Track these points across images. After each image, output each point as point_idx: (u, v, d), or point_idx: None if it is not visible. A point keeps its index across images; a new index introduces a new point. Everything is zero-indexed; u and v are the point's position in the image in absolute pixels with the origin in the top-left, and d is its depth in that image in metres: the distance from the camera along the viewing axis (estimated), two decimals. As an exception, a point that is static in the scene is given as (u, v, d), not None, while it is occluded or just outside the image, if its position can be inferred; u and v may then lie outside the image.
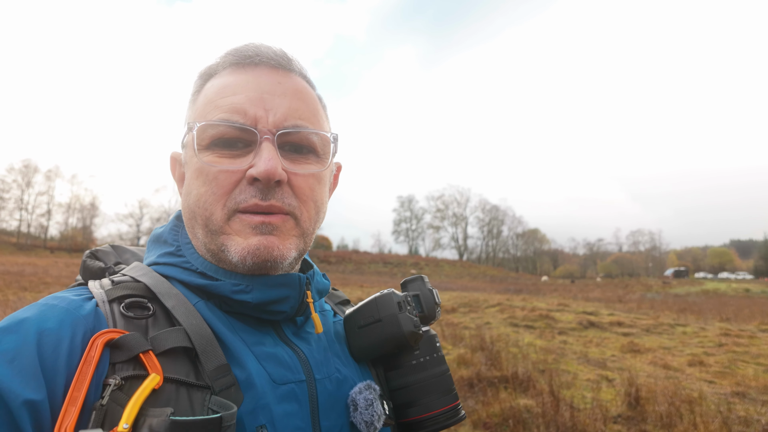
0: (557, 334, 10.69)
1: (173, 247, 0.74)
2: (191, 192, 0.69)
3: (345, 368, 0.75)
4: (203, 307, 0.67)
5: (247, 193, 0.66)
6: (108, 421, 0.50)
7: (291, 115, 0.69)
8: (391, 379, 0.78)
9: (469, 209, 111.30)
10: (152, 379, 0.53)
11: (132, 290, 0.65)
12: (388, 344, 0.76)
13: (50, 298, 0.60)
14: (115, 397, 0.51)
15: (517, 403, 5.14)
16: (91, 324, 0.57)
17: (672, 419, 4.81)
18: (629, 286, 43.56)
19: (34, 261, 38.89)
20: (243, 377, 0.61)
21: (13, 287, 16.09)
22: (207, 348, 0.60)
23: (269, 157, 0.65)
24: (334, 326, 0.82)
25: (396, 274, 60.13)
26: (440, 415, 0.75)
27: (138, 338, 0.57)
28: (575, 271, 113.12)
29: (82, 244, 72.85)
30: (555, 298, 20.46)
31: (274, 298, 0.68)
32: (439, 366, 0.79)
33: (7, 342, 0.52)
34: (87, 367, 0.52)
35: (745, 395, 6.06)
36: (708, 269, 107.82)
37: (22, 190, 75.18)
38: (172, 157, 0.80)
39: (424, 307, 0.85)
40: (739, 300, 25.71)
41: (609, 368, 7.51)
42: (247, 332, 0.68)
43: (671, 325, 11.94)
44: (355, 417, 0.69)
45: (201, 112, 0.70)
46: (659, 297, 27.91)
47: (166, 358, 0.58)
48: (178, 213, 0.80)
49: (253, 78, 0.70)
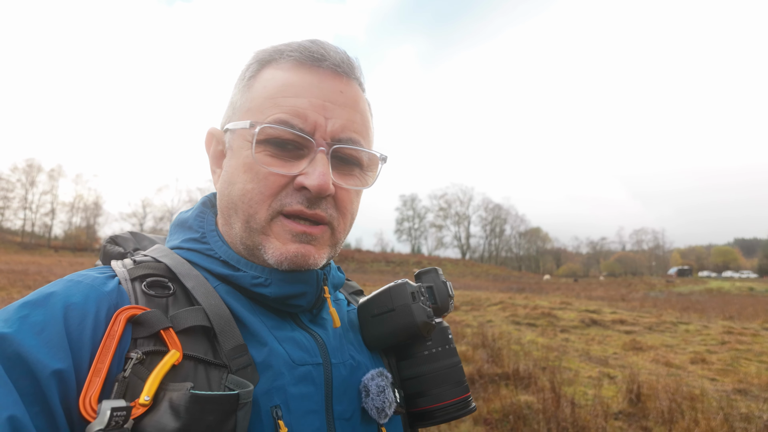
0: (559, 332, 10.69)
1: (198, 233, 0.75)
2: (236, 183, 0.70)
3: (359, 355, 0.76)
4: (223, 290, 0.69)
5: (293, 198, 0.67)
6: (129, 393, 0.52)
7: (348, 127, 0.70)
8: (403, 369, 0.79)
9: (471, 208, 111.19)
10: (172, 355, 0.56)
11: (153, 269, 0.67)
12: (401, 334, 0.76)
13: (75, 275, 0.62)
14: (136, 371, 0.54)
15: (518, 400, 5.16)
16: (114, 300, 0.60)
17: (673, 416, 4.82)
18: (632, 284, 43.42)
19: (38, 260, 39.07)
20: (261, 357, 0.63)
21: (17, 286, 16.17)
22: (225, 328, 0.62)
23: (323, 171, 0.66)
24: (348, 315, 0.83)
25: (398, 273, 60.09)
26: (451, 405, 0.75)
27: (159, 315, 0.59)
28: (578, 269, 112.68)
29: (85, 243, 73.11)
30: (557, 297, 20.43)
31: (292, 293, 0.70)
32: (451, 357, 0.79)
33: (36, 315, 0.54)
34: (110, 340, 0.55)
35: (747, 392, 6.06)
36: (712, 268, 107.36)
37: (26, 190, 75.59)
38: (210, 133, 0.79)
39: (438, 298, 0.85)
40: (742, 298, 25.60)
41: (611, 366, 7.52)
42: (267, 316, 0.70)
43: (674, 323, 11.92)
44: (367, 403, 0.70)
45: (259, 106, 0.70)
46: (662, 296, 27.83)
47: (186, 336, 0.60)
48: (204, 199, 0.81)
49: (317, 82, 0.70)
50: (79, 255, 58.11)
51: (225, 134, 0.75)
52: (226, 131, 0.75)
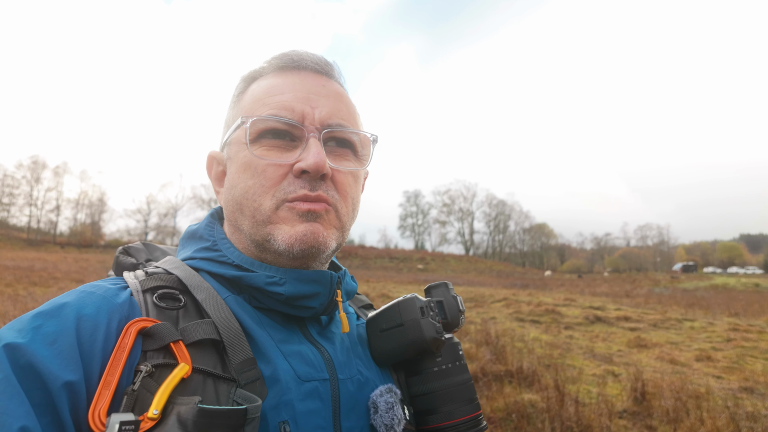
0: (563, 329, 10.68)
1: (209, 242, 0.76)
2: (237, 185, 0.72)
3: (367, 371, 0.75)
4: (233, 302, 0.69)
5: (295, 185, 0.69)
6: (138, 407, 0.52)
7: (335, 114, 0.73)
8: (413, 385, 0.78)
9: (475, 204, 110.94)
10: (181, 368, 0.56)
11: (165, 281, 0.68)
12: (410, 349, 0.75)
13: (88, 286, 0.63)
14: (145, 384, 0.54)
15: (522, 398, 5.16)
16: (125, 312, 0.60)
17: (678, 414, 4.80)
18: (637, 280, 43.27)
19: (44, 256, 39.35)
20: (268, 372, 0.63)
21: (23, 282, 16.30)
22: (234, 341, 0.62)
23: (317, 151, 0.68)
24: (357, 329, 0.83)
25: (402, 269, 60.16)
26: (461, 423, 0.73)
27: (169, 328, 0.59)
28: (582, 265, 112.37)
29: (90, 239, 73.62)
30: (561, 293, 20.40)
31: (305, 293, 0.70)
32: (462, 374, 0.77)
33: (48, 325, 0.54)
34: (121, 353, 0.55)
35: (753, 390, 6.04)
36: (717, 264, 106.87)
37: (31, 186, 76.12)
38: (210, 156, 0.82)
39: (448, 314, 0.83)
40: (748, 295, 25.46)
41: (615, 363, 7.50)
42: (275, 328, 0.70)
43: (679, 320, 11.88)
44: (376, 420, 0.69)
45: (249, 109, 0.74)
46: (667, 292, 27.71)
47: (195, 349, 0.60)
48: (212, 211, 0.83)
49: (299, 80, 0.75)
50: (85, 251, 58.48)
51: (223, 151, 0.79)
52: (223, 148, 0.78)
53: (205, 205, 79.39)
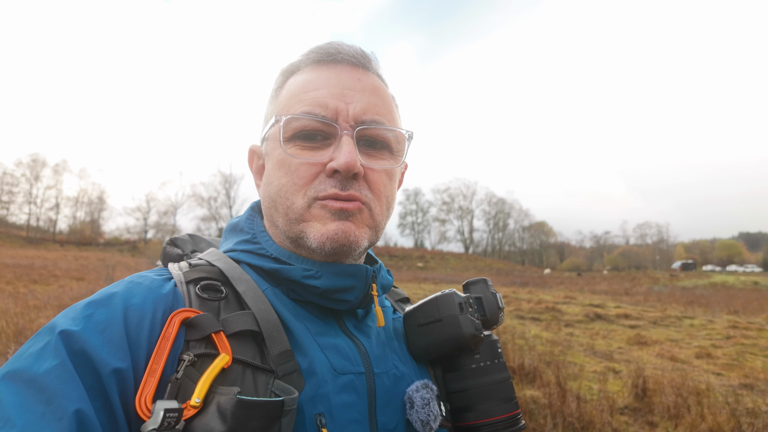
0: (563, 327, 10.71)
1: (249, 234, 0.78)
2: (272, 182, 0.73)
3: (403, 365, 0.75)
4: (271, 294, 0.71)
5: (327, 184, 0.69)
6: (181, 395, 0.55)
7: (369, 110, 0.72)
8: (450, 382, 0.77)
9: (475, 202, 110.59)
10: (222, 359, 0.58)
11: (207, 273, 0.70)
12: (448, 345, 0.75)
13: (135, 277, 0.65)
14: (188, 373, 0.56)
15: (524, 394, 5.19)
16: (170, 302, 0.62)
17: (679, 410, 4.84)
18: (636, 278, 43.32)
19: (44, 254, 39.34)
20: (305, 364, 0.64)
21: (23, 280, 16.32)
22: (273, 333, 0.63)
23: (349, 150, 0.68)
24: (393, 323, 0.83)
25: (401, 267, 60.13)
26: (499, 422, 0.72)
27: (211, 319, 0.61)
28: (582, 263, 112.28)
29: (90, 237, 73.54)
30: (561, 291, 20.45)
31: (341, 287, 0.71)
32: (501, 372, 0.76)
33: (99, 314, 0.57)
34: (165, 342, 0.57)
35: (753, 387, 6.07)
36: (716, 262, 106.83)
37: (30, 184, 75.94)
38: (251, 150, 0.83)
39: (487, 310, 0.81)
40: (747, 293, 25.52)
41: (616, 360, 7.54)
42: (312, 321, 0.71)
43: (678, 317, 11.92)
44: (411, 415, 0.69)
45: (284, 106, 0.74)
46: (666, 290, 27.77)
47: (235, 339, 0.61)
48: (253, 204, 0.85)
49: (335, 74, 0.74)
50: (84, 249, 58.46)
51: (262, 146, 0.80)
52: (262, 143, 0.80)
53: (204, 204, 79.11)
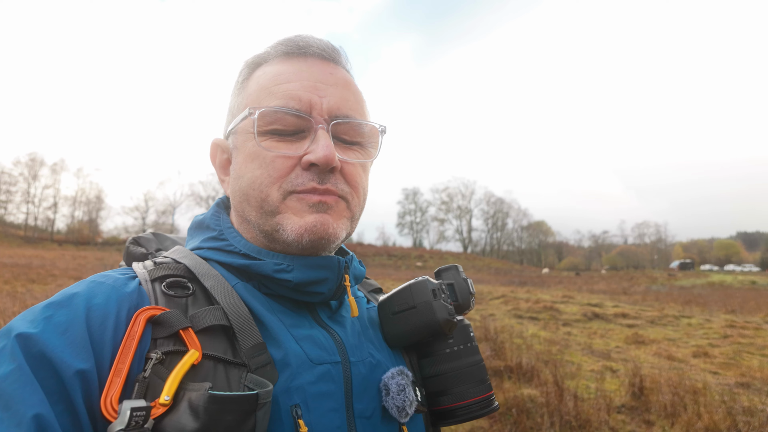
0: (561, 326, 10.72)
1: (216, 231, 0.76)
2: (244, 175, 0.71)
3: (378, 353, 0.76)
4: (242, 288, 0.69)
5: (303, 178, 0.68)
6: (150, 393, 0.53)
7: (343, 104, 0.72)
8: (424, 367, 0.79)
9: (473, 202, 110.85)
10: (191, 355, 0.56)
11: (173, 270, 0.68)
12: (422, 331, 0.76)
13: (97, 276, 0.63)
14: (156, 371, 0.54)
15: (521, 393, 5.18)
16: (134, 301, 0.61)
17: (676, 409, 4.85)
18: (634, 278, 43.40)
19: (42, 254, 39.27)
20: (279, 356, 0.63)
21: (21, 279, 16.28)
22: (244, 326, 0.62)
23: (326, 144, 0.67)
24: (368, 312, 0.83)
25: (400, 266, 60.17)
26: (474, 404, 0.74)
27: (178, 315, 0.60)
28: (580, 263, 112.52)
29: (88, 237, 73.40)
30: (559, 290, 20.48)
31: (313, 279, 0.70)
32: (473, 356, 0.78)
33: (60, 315, 0.55)
34: (131, 341, 0.56)
35: (750, 386, 6.08)
36: (714, 261, 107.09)
37: (28, 184, 75.77)
38: (214, 144, 0.81)
39: (459, 296, 0.84)
40: (745, 292, 25.60)
41: (613, 359, 7.55)
42: (285, 314, 0.70)
43: (676, 316, 11.94)
44: (387, 402, 0.70)
45: (255, 98, 0.72)
46: (664, 289, 27.84)
47: (205, 335, 0.60)
48: (218, 201, 0.83)
49: (306, 67, 0.73)
50: (82, 248, 58.35)
51: (228, 139, 0.78)
52: (228, 136, 0.77)
53: (203, 203, 79.18)
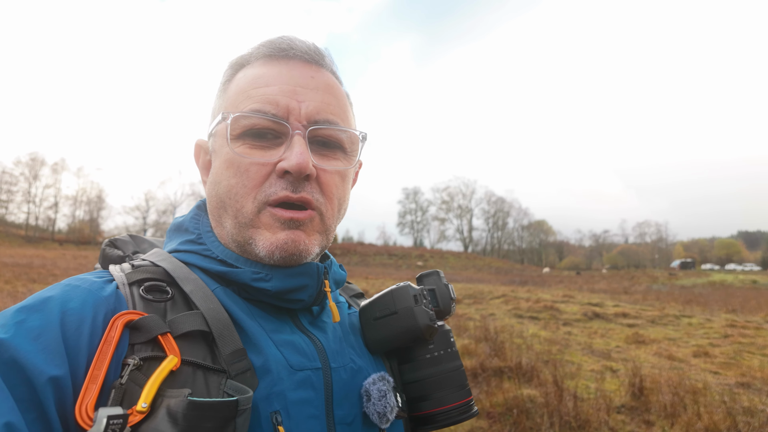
0: (562, 325, 10.69)
1: (194, 235, 0.75)
2: (221, 182, 0.70)
3: (359, 359, 0.75)
4: (222, 293, 0.68)
5: (277, 186, 0.67)
6: (127, 400, 0.51)
7: (323, 109, 0.70)
8: (405, 372, 0.79)
9: (474, 201, 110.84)
10: (170, 361, 0.54)
11: (151, 274, 0.66)
12: (404, 337, 0.76)
13: (73, 279, 0.61)
14: (133, 377, 0.53)
15: (521, 393, 5.16)
16: (111, 305, 0.59)
17: (676, 409, 4.82)
18: (635, 277, 43.36)
19: (43, 253, 39.31)
20: (260, 362, 0.62)
21: (22, 279, 16.28)
22: (224, 332, 0.61)
23: (300, 151, 0.66)
24: (349, 318, 0.82)
25: (401, 266, 60.17)
26: (453, 409, 0.75)
27: (157, 320, 0.58)
28: (581, 262, 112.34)
29: (89, 236, 73.41)
30: (560, 290, 20.45)
31: (293, 287, 0.69)
32: (453, 361, 0.79)
33: (32, 320, 0.53)
34: (107, 346, 0.54)
35: (750, 386, 6.05)
36: (715, 261, 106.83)
37: (29, 183, 75.79)
38: (197, 145, 0.80)
39: (440, 301, 0.84)
40: (746, 291, 25.55)
41: (613, 359, 7.53)
42: (266, 319, 0.69)
43: (677, 316, 11.91)
44: (368, 408, 0.69)
45: (233, 102, 0.71)
46: (665, 288, 27.81)
47: (184, 341, 0.59)
48: (199, 203, 0.81)
49: (287, 70, 0.71)
50: (83, 248, 58.40)
51: (209, 141, 0.76)
52: (209, 138, 0.76)
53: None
